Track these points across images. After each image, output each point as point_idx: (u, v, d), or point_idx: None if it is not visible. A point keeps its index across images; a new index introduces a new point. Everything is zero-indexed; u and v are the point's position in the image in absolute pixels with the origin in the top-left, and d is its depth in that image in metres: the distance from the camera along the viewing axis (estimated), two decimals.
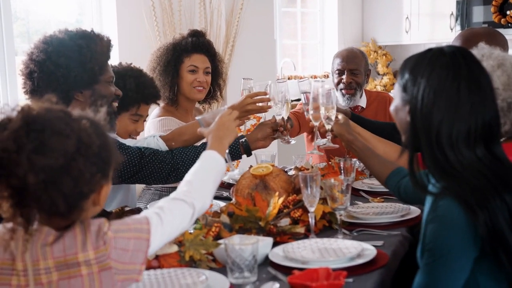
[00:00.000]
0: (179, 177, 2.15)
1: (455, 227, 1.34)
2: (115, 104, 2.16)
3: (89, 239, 1.18)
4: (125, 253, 1.21)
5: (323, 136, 2.24)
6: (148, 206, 2.37)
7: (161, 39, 3.81)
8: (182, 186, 1.47)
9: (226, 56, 4.06)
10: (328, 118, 2.13)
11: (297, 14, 5.96)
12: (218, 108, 1.80)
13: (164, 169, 2.12)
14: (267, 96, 2.25)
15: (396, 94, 1.54)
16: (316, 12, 6.11)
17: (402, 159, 1.53)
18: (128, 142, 2.25)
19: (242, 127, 2.61)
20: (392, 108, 1.57)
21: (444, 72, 1.42)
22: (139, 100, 2.49)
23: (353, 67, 3.19)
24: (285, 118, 2.29)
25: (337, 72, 3.23)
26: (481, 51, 1.83)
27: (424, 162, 1.46)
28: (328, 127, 2.16)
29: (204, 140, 2.30)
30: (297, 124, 2.97)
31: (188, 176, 1.51)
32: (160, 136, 2.29)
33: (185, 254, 1.65)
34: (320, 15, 6.11)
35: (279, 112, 2.27)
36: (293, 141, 2.34)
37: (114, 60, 3.65)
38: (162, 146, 2.25)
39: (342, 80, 3.20)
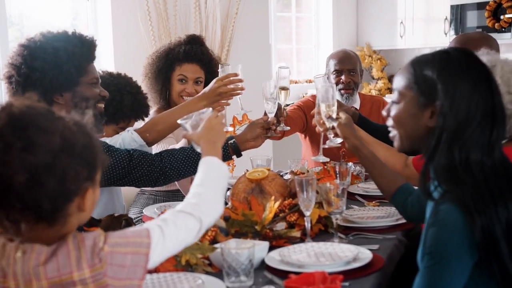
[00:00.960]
0: (167, 180, 2.13)
1: (456, 230, 1.33)
2: (101, 105, 2.13)
3: (83, 255, 1.11)
4: (122, 269, 1.14)
5: (326, 138, 2.10)
6: (143, 210, 2.37)
7: (156, 43, 3.81)
8: (190, 198, 1.36)
9: (221, 61, 4.06)
10: (329, 117, 2.00)
11: (292, 18, 5.97)
12: (201, 111, 1.71)
13: (153, 172, 2.09)
14: (238, 77, 2.22)
15: (404, 99, 1.48)
16: (311, 17, 6.13)
17: (403, 167, 1.50)
18: (104, 139, 2.21)
19: (237, 132, 2.59)
20: (396, 113, 1.50)
21: (477, 74, 1.40)
22: (132, 117, 2.55)
23: (350, 67, 3.24)
24: (283, 105, 2.27)
25: (334, 73, 3.25)
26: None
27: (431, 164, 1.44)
28: (329, 125, 2.01)
29: (182, 142, 2.35)
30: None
31: (196, 188, 1.39)
32: (135, 130, 2.26)
33: (181, 258, 1.64)
34: (315, 20, 6.12)
35: (271, 110, 2.22)
36: (287, 128, 2.32)
37: (110, 65, 3.67)
38: (137, 139, 2.22)
39: (341, 80, 3.23)
